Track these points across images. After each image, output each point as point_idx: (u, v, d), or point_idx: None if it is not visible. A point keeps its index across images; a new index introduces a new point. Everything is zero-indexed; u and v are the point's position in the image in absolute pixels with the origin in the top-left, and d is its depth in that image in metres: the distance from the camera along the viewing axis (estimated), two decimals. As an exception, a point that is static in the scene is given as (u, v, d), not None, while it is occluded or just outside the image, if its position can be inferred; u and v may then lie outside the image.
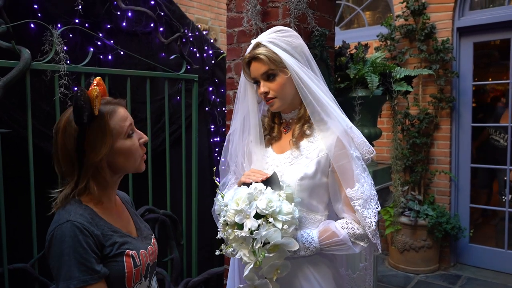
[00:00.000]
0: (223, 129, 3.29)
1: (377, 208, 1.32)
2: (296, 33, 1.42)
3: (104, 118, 1.10)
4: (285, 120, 1.48)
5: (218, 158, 3.35)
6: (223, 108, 3.30)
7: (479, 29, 3.94)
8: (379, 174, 2.43)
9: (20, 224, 2.21)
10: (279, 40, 1.36)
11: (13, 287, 2.12)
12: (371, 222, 1.29)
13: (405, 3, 4.05)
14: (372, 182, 1.36)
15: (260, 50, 1.34)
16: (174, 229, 2.86)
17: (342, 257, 1.54)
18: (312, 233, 1.34)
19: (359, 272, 1.53)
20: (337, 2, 4.41)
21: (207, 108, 3.28)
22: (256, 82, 1.41)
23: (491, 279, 3.76)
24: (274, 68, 1.34)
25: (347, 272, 1.53)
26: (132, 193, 2.54)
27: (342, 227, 1.33)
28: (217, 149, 3.35)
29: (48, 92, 2.26)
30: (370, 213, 1.30)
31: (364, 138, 1.39)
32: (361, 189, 1.31)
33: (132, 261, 1.13)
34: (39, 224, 2.17)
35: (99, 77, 1.12)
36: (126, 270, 1.11)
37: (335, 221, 1.37)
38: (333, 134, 1.34)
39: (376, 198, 1.34)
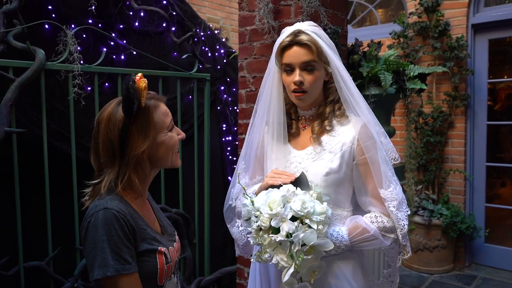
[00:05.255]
0: (235, 128, 3.29)
1: (407, 211, 1.31)
2: None
3: (149, 110, 1.12)
4: (304, 116, 1.43)
5: (230, 157, 3.38)
6: (235, 107, 3.30)
7: (495, 26, 3.87)
8: (393, 173, 2.40)
9: (36, 222, 2.23)
10: (321, 33, 1.32)
11: (28, 285, 2.15)
12: (404, 225, 1.28)
13: (418, 0, 4.00)
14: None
15: (307, 37, 1.28)
16: (187, 228, 2.87)
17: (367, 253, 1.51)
18: (341, 231, 1.31)
19: (383, 279, 1.48)
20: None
21: (219, 107, 3.28)
22: (287, 70, 1.33)
23: (508, 280, 3.70)
24: (317, 60, 1.29)
25: (370, 278, 1.47)
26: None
27: (372, 222, 1.30)
28: (229, 148, 3.35)
29: (62, 92, 2.29)
30: (403, 215, 1.29)
31: (392, 144, 1.38)
32: (395, 191, 1.29)
33: (164, 258, 1.14)
34: (54, 223, 2.19)
35: (141, 73, 1.12)
36: (158, 267, 1.11)
37: (362, 215, 1.35)
38: (359, 122, 1.33)
39: (406, 202, 1.33)
